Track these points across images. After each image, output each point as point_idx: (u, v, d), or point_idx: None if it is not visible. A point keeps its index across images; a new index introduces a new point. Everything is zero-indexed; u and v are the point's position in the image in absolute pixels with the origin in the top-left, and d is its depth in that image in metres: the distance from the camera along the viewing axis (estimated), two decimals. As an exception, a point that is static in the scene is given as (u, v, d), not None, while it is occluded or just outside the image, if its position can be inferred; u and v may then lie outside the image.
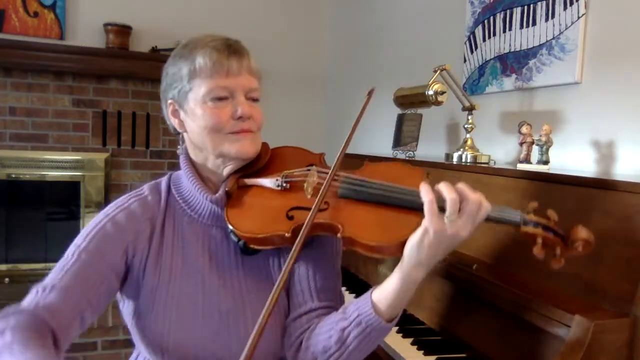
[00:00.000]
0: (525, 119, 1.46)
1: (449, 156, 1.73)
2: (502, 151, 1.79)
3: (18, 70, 2.90)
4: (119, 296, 0.99)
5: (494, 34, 1.84)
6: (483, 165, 1.57)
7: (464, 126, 1.71)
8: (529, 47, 1.67)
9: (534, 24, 1.65)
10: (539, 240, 0.83)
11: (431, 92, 1.68)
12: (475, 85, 1.93)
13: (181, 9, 3.21)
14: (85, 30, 3.04)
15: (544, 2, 1.61)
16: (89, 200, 3.04)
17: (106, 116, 3.08)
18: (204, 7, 3.26)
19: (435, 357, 1.13)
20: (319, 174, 0.96)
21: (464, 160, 1.64)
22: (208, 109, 0.93)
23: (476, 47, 1.94)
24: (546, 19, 1.60)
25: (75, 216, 3.06)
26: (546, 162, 1.40)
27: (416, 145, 1.96)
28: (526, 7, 1.69)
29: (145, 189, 1.02)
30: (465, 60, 1.99)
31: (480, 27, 1.91)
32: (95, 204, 3.03)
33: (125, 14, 3.05)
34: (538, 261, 0.84)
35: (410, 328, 1.27)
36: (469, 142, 1.68)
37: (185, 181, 1.00)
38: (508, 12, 1.77)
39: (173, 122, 1.01)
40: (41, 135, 2.98)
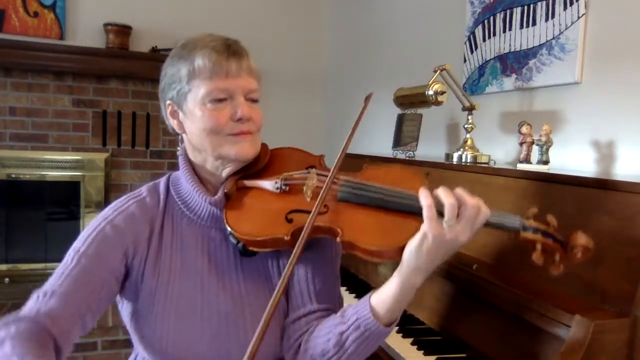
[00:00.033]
0: (525, 119, 1.46)
1: (449, 156, 1.73)
2: (502, 151, 1.79)
3: (18, 70, 2.90)
4: (117, 297, 0.99)
5: (494, 34, 1.84)
6: (483, 165, 1.57)
7: (464, 126, 1.71)
8: (529, 47, 1.67)
9: (534, 24, 1.65)
10: (539, 246, 0.83)
11: (431, 92, 1.68)
12: (475, 85, 1.93)
13: (181, 9, 3.21)
14: (85, 30, 3.04)
15: (544, 2, 1.61)
16: (89, 200, 3.04)
17: (106, 116, 3.08)
18: (204, 7, 3.26)
19: (435, 357, 1.13)
20: (318, 177, 0.96)
21: (464, 160, 1.64)
22: (207, 110, 0.92)
23: (476, 47, 1.94)
24: (546, 19, 1.60)
25: (75, 216, 3.06)
26: (546, 162, 1.40)
27: (416, 145, 1.97)
28: (526, 7, 1.69)
29: (144, 190, 1.01)
30: (465, 60, 1.99)
31: (480, 27, 1.91)
32: (95, 204, 3.03)
33: (125, 14, 3.05)
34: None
35: (410, 328, 1.27)
36: (469, 142, 1.68)
37: (184, 182, 1.00)
38: (508, 12, 1.77)
39: (172, 123, 1.00)
40: (41, 135, 2.98)
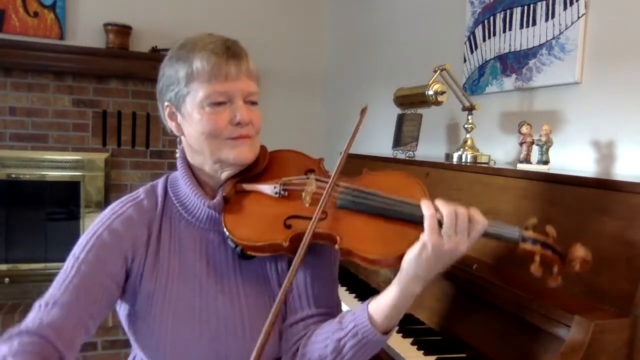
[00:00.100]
0: (525, 119, 1.46)
1: (449, 156, 1.73)
2: (502, 151, 1.79)
3: (18, 70, 2.90)
4: None
5: (494, 34, 1.84)
6: (483, 165, 1.57)
7: (464, 126, 1.70)
8: (529, 47, 1.67)
9: (534, 24, 1.65)
10: (537, 257, 0.83)
11: (431, 92, 1.68)
12: (475, 85, 1.93)
13: (181, 9, 3.21)
14: (85, 30, 3.04)
15: (544, 2, 1.61)
16: (89, 200, 3.04)
17: (106, 116, 3.08)
18: (204, 7, 3.26)
19: (435, 357, 1.13)
20: (317, 183, 0.96)
21: (464, 160, 1.64)
22: (206, 114, 0.91)
23: (476, 47, 1.94)
24: (546, 19, 1.60)
25: (75, 216, 3.06)
26: (546, 162, 1.40)
27: (416, 145, 1.97)
28: (526, 7, 1.69)
29: (141, 192, 1.00)
30: (465, 60, 1.99)
31: (480, 27, 1.91)
32: (95, 204, 3.03)
33: (125, 14, 3.05)
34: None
35: (410, 328, 1.26)
36: (469, 142, 1.67)
37: (183, 185, 0.99)
38: (508, 12, 1.77)
39: (170, 125, 0.98)
40: (41, 135, 2.98)
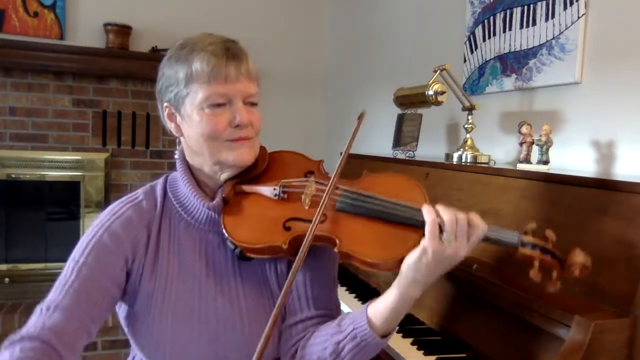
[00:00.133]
0: (525, 119, 1.46)
1: (449, 156, 1.73)
2: (502, 151, 1.79)
3: (18, 70, 2.90)
4: None
5: (494, 34, 1.84)
6: (483, 165, 1.57)
7: (464, 126, 1.70)
8: (529, 47, 1.67)
9: (534, 24, 1.65)
10: (536, 263, 0.83)
11: (431, 92, 1.68)
12: (475, 85, 1.93)
13: (181, 9, 3.21)
14: (85, 30, 3.04)
15: (544, 2, 1.61)
16: (89, 200, 3.04)
17: (106, 116, 3.08)
18: (204, 7, 3.26)
19: (435, 357, 1.13)
20: (317, 185, 0.95)
21: (464, 160, 1.64)
22: (205, 115, 0.91)
23: (476, 47, 1.94)
24: (546, 19, 1.60)
25: (75, 216, 3.06)
26: (546, 162, 1.40)
27: (416, 145, 1.97)
28: (526, 7, 1.69)
29: (140, 193, 1.00)
30: (465, 60, 1.99)
31: (480, 27, 1.91)
32: (95, 204, 3.03)
33: (125, 14, 3.05)
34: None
35: (410, 328, 1.26)
36: (469, 142, 1.67)
37: (182, 185, 0.98)
38: (508, 12, 1.77)
39: (169, 125, 0.98)
40: (41, 135, 2.98)
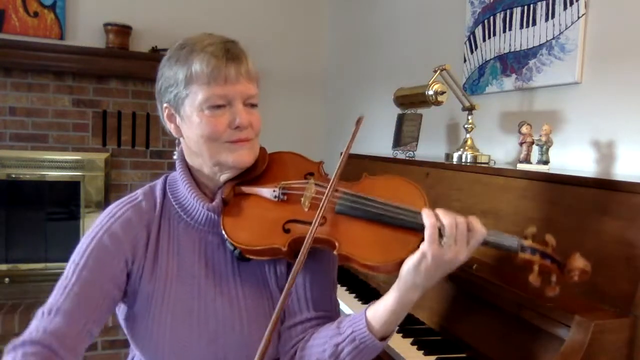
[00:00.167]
0: (525, 119, 1.46)
1: (449, 156, 1.73)
2: (502, 151, 1.79)
3: (18, 70, 2.90)
4: None
5: (494, 34, 1.84)
6: (483, 165, 1.57)
7: (464, 126, 1.70)
8: (529, 47, 1.67)
9: (534, 24, 1.65)
10: (536, 267, 0.83)
11: (431, 92, 1.68)
12: (475, 85, 1.93)
13: (181, 9, 3.21)
14: (85, 30, 3.04)
15: (544, 2, 1.61)
16: (89, 200, 3.04)
17: (106, 116, 3.08)
18: (204, 7, 3.26)
19: (435, 357, 1.13)
20: (317, 187, 0.95)
21: (464, 160, 1.64)
22: (205, 117, 0.90)
23: (476, 47, 1.94)
24: (546, 19, 1.60)
25: (75, 216, 3.06)
26: (546, 162, 1.40)
27: (416, 145, 1.96)
28: (526, 7, 1.69)
29: (139, 194, 0.99)
30: (465, 60, 1.99)
31: (480, 27, 1.91)
32: (95, 204, 3.03)
33: (125, 14, 3.05)
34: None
35: (410, 328, 1.26)
36: (469, 142, 1.67)
37: (181, 186, 0.98)
38: (508, 12, 1.77)
39: (169, 126, 0.98)
40: (41, 135, 2.98)
